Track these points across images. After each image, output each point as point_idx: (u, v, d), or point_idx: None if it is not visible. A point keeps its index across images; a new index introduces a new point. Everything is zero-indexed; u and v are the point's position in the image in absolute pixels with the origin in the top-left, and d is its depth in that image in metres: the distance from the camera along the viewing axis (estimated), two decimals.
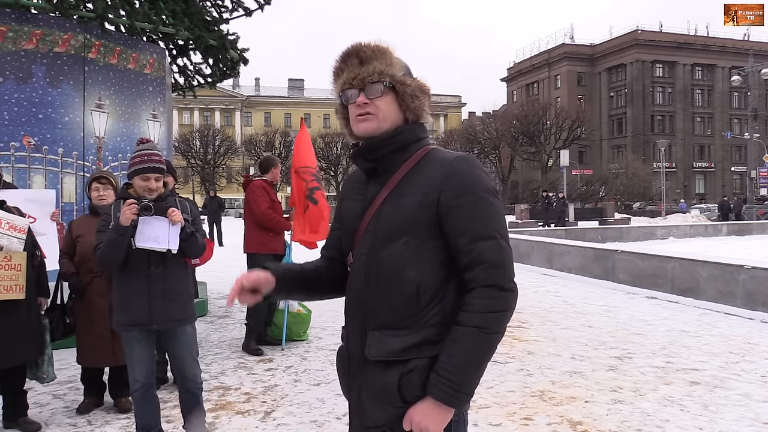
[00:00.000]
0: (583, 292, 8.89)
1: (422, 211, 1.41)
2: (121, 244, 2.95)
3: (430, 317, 1.41)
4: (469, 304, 1.38)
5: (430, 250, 1.42)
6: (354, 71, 1.47)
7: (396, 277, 1.42)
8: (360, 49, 1.48)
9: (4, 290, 3.34)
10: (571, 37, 67.02)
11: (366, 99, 1.46)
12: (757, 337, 5.94)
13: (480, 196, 1.41)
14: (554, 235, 16.12)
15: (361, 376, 1.48)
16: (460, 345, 1.36)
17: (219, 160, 57.08)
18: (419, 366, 1.39)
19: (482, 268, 1.38)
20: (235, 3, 7.52)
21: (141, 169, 3.03)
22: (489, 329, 1.37)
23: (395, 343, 1.41)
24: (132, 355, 3.08)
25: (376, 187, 1.50)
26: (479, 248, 1.38)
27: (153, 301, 3.01)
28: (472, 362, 1.37)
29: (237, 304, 1.52)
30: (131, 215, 2.92)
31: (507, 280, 1.39)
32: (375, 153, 1.49)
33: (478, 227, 1.39)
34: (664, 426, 3.62)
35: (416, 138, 1.51)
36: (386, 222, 1.44)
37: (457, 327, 1.38)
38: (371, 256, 1.46)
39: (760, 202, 34.69)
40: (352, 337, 1.51)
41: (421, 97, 1.51)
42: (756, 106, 35.78)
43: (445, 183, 1.41)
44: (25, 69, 5.55)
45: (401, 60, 1.52)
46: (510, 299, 1.40)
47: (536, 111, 49.38)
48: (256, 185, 5.51)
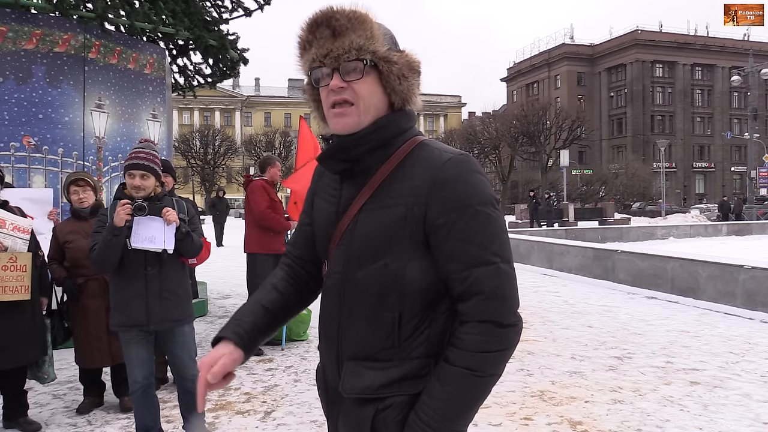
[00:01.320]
0: (583, 292, 8.89)
1: (406, 228, 1.16)
2: (116, 245, 2.93)
3: (414, 348, 1.19)
4: (461, 339, 1.14)
5: (414, 272, 1.17)
6: (325, 46, 1.17)
7: (374, 303, 1.19)
8: (332, 16, 1.16)
9: (9, 291, 3.34)
10: (571, 37, 67.04)
11: (342, 82, 1.17)
12: (757, 337, 5.94)
13: (476, 211, 1.15)
14: (554, 235, 16.13)
15: (338, 405, 1.29)
16: (446, 387, 1.14)
17: (219, 160, 57.06)
18: (397, 403, 1.18)
19: (478, 299, 1.14)
20: (235, 3, 7.52)
21: (127, 166, 3.03)
22: (482, 372, 1.14)
23: (372, 378, 1.20)
24: (131, 356, 3.07)
25: (353, 189, 1.24)
26: (474, 276, 1.14)
27: (150, 302, 3.00)
28: (459, 407, 1.14)
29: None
30: (125, 216, 2.90)
31: (508, 313, 1.15)
32: (350, 153, 1.22)
33: (474, 250, 1.14)
34: (664, 426, 3.62)
35: (400, 130, 1.23)
36: (363, 237, 1.19)
37: (445, 365, 1.15)
38: (346, 277, 1.22)
39: (760, 202, 34.67)
40: (327, 363, 1.31)
41: (411, 76, 1.22)
42: (756, 106, 35.79)
43: (434, 194, 1.15)
44: (25, 69, 5.55)
45: (384, 28, 1.22)
46: (510, 336, 1.16)
47: (536, 111, 49.35)
48: (255, 185, 5.51)
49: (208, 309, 7.42)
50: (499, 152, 52.31)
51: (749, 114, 35.75)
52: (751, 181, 34.23)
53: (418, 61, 1.24)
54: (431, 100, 77.33)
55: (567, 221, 25.56)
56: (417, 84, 1.24)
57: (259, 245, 5.44)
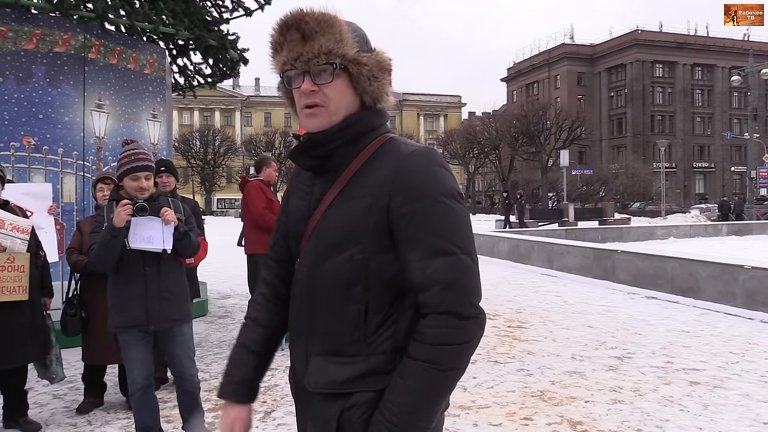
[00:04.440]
0: (583, 292, 8.88)
1: (371, 218, 1.18)
2: (115, 246, 2.91)
3: (380, 343, 1.19)
4: (421, 332, 1.15)
5: (380, 263, 1.19)
6: (295, 49, 1.19)
7: (340, 295, 1.20)
8: (301, 19, 1.18)
9: (7, 291, 3.33)
10: (571, 37, 67.07)
11: (312, 85, 1.20)
12: (757, 337, 5.94)
13: (437, 201, 1.16)
14: (554, 235, 16.13)
15: (306, 403, 1.30)
16: (408, 382, 1.13)
17: (219, 160, 57.10)
18: (362, 401, 1.18)
19: (436, 290, 1.14)
20: (235, 3, 7.52)
21: (130, 169, 3.00)
22: (442, 365, 1.12)
23: (337, 373, 1.20)
24: (130, 357, 3.06)
25: (324, 185, 1.27)
26: (434, 266, 1.14)
27: (149, 302, 2.99)
28: (421, 403, 1.13)
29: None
30: (126, 216, 2.88)
31: (467, 305, 1.15)
32: (320, 149, 1.25)
33: (434, 240, 1.15)
34: (664, 426, 3.62)
35: (370, 127, 1.26)
36: (330, 230, 1.22)
37: (407, 359, 1.15)
38: (312, 270, 1.24)
39: (760, 202, 34.69)
40: (296, 359, 1.32)
41: (381, 76, 1.24)
42: (756, 106, 35.79)
43: (396, 184, 1.17)
44: (25, 69, 5.55)
45: (354, 29, 1.24)
46: (471, 329, 1.15)
47: (536, 111, 49.36)
48: (252, 185, 5.51)
49: (208, 309, 7.42)
50: (499, 152, 52.31)
51: (749, 114, 35.75)
52: (751, 181, 34.23)
53: (389, 59, 1.26)
54: (431, 100, 77.33)
55: (567, 221, 25.57)
56: (388, 82, 1.26)
57: (259, 245, 5.43)
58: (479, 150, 53.86)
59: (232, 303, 8.01)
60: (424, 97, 76.89)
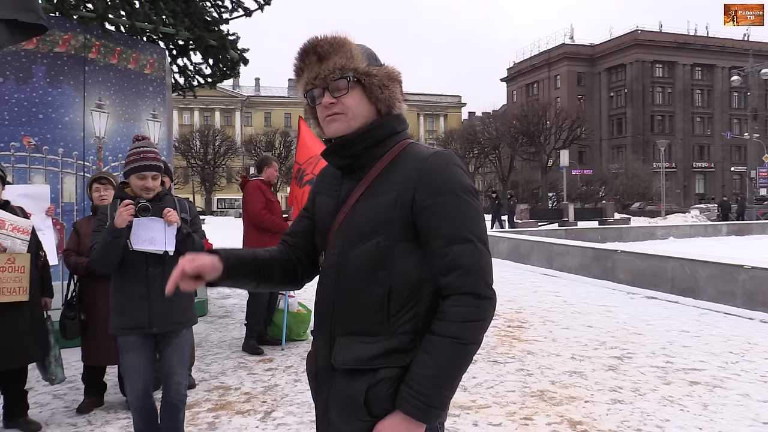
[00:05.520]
0: (583, 292, 8.89)
1: (396, 210, 1.33)
2: (117, 247, 2.82)
3: (402, 324, 1.33)
4: (444, 312, 1.30)
5: (403, 251, 1.33)
6: (314, 70, 1.38)
7: (366, 279, 1.34)
8: (316, 44, 1.38)
9: (7, 292, 3.33)
10: (570, 37, 67.08)
11: (331, 98, 1.37)
12: (757, 337, 5.94)
13: (456, 195, 1.32)
14: (554, 235, 16.13)
15: (328, 385, 1.40)
16: (433, 356, 1.27)
17: (219, 160, 57.13)
18: (388, 377, 1.31)
19: (457, 273, 1.29)
20: (235, 3, 7.52)
21: (137, 168, 2.89)
22: (464, 339, 1.28)
23: (363, 351, 1.33)
24: (127, 364, 2.97)
25: (351, 183, 1.42)
26: (454, 252, 1.29)
27: (153, 304, 2.89)
28: (446, 374, 1.28)
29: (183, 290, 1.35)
30: (128, 216, 2.79)
31: (484, 286, 1.31)
32: (349, 149, 1.40)
33: (454, 229, 1.30)
34: (663, 426, 3.62)
35: (393, 131, 1.42)
36: (358, 221, 1.36)
37: (431, 336, 1.29)
38: (341, 257, 1.38)
39: (759, 202, 34.69)
40: (320, 342, 1.44)
41: (391, 85, 1.41)
42: (756, 106, 35.81)
43: (420, 180, 1.32)
44: (26, 69, 5.55)
45: (363, 48, 1.42)
46: (487, 307, 1.31)
47: (536, 111, 49.38)
48: (252, 186, 5.51)
49: (208, 309, 7.43)
50: (499, 152, 52.33)
51: (749, 114, 35.78)
52: (751, 181, 34.26)
53: (398, 72, 1.44)
54: (431, 100, 77.35)
55: (567, 221, 25.58)
56: (398, 91, 1.43)
57: (258, 245, 5.39)
58: (479, 150, 53.86)
59: (232, 303, 8.01)
60: (424, 97, 76.93)
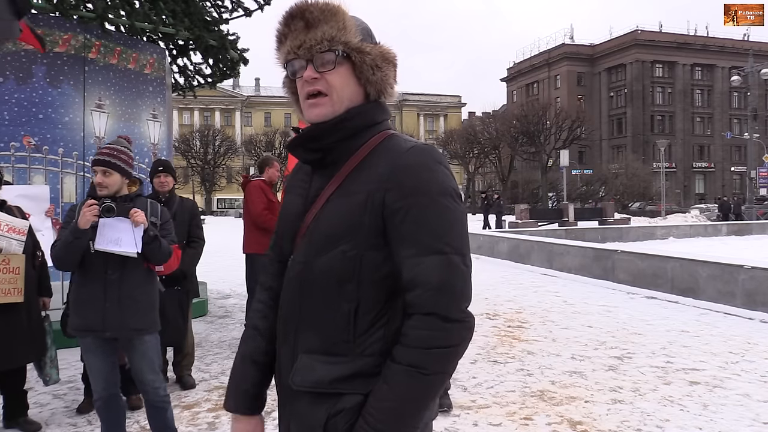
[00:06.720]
0: (583, 292, 8.88)
1: (366, 214, 1.14)
2: (78, 247, 2.74)
3: (369, 344, 1.15)
4: (405, 335, 1.11)
5: (373, 262, 1.15)
6: (299, 37, 1.18)
7: (332, 292, 1.16)
8: (305, 8, 1.18)
9: (2, 293, 3.31)
10: (570, 37, 67.09)
11: (315, 73, 1.18)
12: (757, 337, 5.94)
13: (433, 200, 1.13)
14: (554, 235, 16.13)
15: (289, 405, 1.24)
16: (391, 386, 1.09)
17: (219, 160, 57.13)
18: (348, 408, 1.14)
19: (424, 290, 1.10)
20: (235, 3, 7.52)
21: (92, 162, 2.87)
22: (425, 369, 1.08)
23: (325, 372, 1.16)
24: (89, 366, 2.92)
25: (322, 180, 1.24)
26: (424, 264, 1.10)
27: (107, 308, 2.79)
28: (405, 409, 1.09)
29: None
30: (91, 217, 2.71)
31: (455, 308, 1.11)
32: (319, 142, 1.21)
33: (426, 238, 1.11)
34: (663, 426, 3.62)
35: (372, 122, 1.23)
36: (325, 225, 1.18)
37: (390, 363, 1.11)
38: (306, 266, 1.20)
39: (759, 202, 34.69)
40: (282, 359, 1.26)
41: (385, 67, 1.22)
42: (756, 106, 35.81)
43: (393, 179, 1.14)
44: (26, 69, 5.56)
45: (358, 21, 1.23)
46: (458, 332, 1.11)
47: (536, 111, 49.38)
48: (253, 186, 5.52)
49: (208, 309, 7.42)
50: (499, 152, 52.34)
51: (749, 114, 35.75)
52: (751, 181, 34.25)
53: (393, 53, 1.25)
54: (431, 100, 77.32)
55: (567, 221, 25.56)
56: (392, 75, 1.24)
57: (258, 246, 5.44)
58: (479, 150, 53.89)
59: (232, 303, 8.01)
60: (424, 97, 76.91)
